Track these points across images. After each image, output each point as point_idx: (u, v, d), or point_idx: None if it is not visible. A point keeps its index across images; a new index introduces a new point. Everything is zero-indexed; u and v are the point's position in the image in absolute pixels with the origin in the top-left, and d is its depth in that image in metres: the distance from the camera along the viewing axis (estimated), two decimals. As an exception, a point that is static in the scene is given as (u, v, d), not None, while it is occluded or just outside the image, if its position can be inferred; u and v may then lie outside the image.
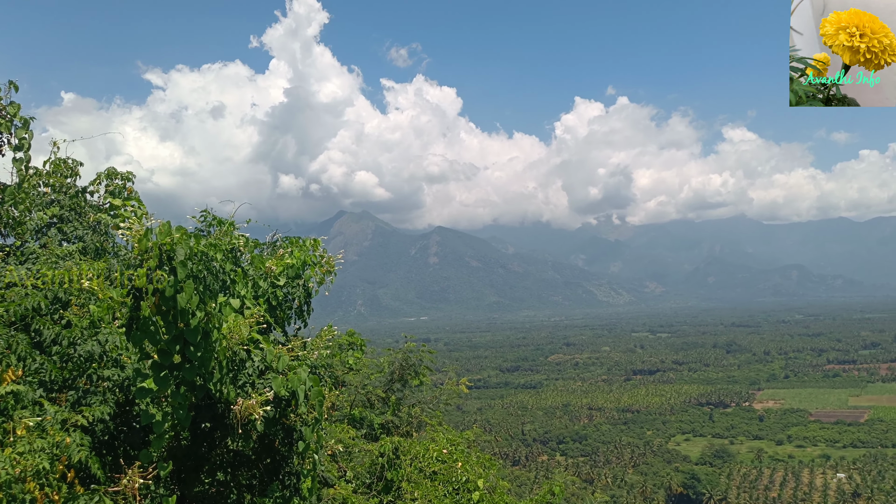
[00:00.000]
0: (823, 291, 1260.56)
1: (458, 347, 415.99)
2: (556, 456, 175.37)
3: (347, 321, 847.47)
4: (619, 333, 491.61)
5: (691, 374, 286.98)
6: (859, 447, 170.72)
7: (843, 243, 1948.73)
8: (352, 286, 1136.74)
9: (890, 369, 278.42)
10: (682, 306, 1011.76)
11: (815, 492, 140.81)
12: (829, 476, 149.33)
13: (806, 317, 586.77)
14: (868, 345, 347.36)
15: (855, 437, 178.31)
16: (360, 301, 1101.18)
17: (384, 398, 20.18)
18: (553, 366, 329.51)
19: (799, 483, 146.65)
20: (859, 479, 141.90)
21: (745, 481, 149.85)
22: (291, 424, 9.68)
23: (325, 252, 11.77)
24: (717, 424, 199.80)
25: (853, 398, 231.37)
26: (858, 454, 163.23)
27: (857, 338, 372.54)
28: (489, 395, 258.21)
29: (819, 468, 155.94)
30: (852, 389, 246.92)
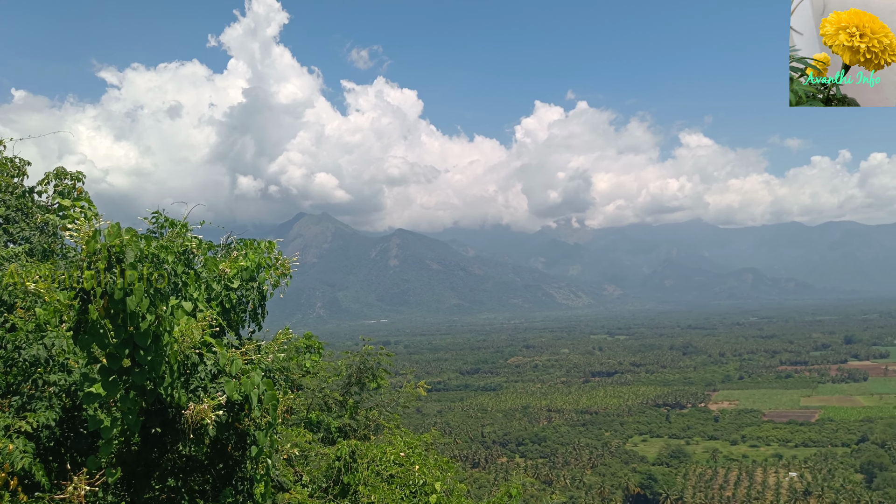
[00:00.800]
0: (776, 294, 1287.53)
1: (418, 350, 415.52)
2: (516, 458, 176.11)
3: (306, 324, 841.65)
4: (577, 336, 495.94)
5: (649, 376, 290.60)
6: (810, 446, 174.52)
7: (795, 247, 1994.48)
8: (311, 289, 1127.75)
9: (840, 370, 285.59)
10: (640, 309, 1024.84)
11: (768, 490, 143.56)
12: (782, 475, 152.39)
13: (760, 319, 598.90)
14: (819, 346, 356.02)
15: (806, 436, 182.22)
16: (319, 304, 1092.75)
17: (342, 401, 20.03)
18: (513, 368, 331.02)
19: (752, 482, 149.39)
20: (810, 478, 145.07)
21: (700, 481, 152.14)
22: (245, 429, 9.53)
23: (281, 254, 11.62)
24: (673, 425, 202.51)
25: (805, 398, 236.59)
26: (809, 453, 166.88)
27: (808, 339, 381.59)
28: (449, 398, 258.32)
29: (772, 467, 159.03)
30: (804, 390, 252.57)
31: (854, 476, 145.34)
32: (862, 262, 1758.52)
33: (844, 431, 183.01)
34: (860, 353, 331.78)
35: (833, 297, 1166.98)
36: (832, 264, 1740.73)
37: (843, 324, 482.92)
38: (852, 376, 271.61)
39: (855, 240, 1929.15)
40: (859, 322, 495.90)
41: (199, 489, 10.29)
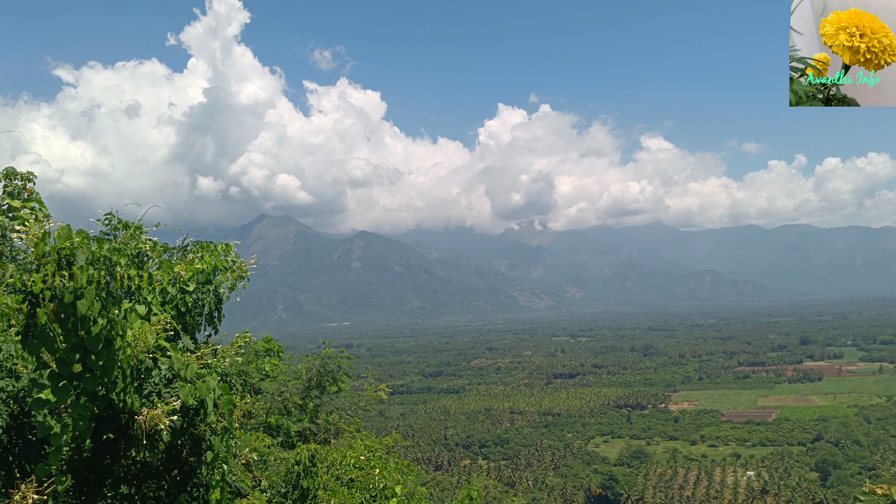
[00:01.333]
0: (735, 296, 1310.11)
1: (381, 353, 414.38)
2: (479, 460, 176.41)
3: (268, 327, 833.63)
4: (540, 338, 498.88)
5: (610, 377, 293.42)
6: (767, 445, 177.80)
7: (752, 249, 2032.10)
8: (272, 291, 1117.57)
9: (796, 371, 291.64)
10: (602, 311, 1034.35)
11: (726, 489, 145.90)
12: (740, 474, 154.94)
13: (718, 321, 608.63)
14: (776, 347, 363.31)
15: (763, 436, 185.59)
16: (280, 306, 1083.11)
17: (301, 405, 19.85)
18: (476, 370, 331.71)
19: (711, 481, 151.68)
20: (767, 477, 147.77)
21: (660, 481, 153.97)
22: (200, 434, 9.37)
23: (238, 257, 11.46)
24: (634, 426, 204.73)
25: (762, 398, 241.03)
26: (766, 452, 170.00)
27: (765, 341, 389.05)
28: (412, 401, 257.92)
29: (730, 466, 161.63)
30: (761, 390, 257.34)
31: (809, 474, 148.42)
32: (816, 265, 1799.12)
33: (800, 431, 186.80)
34: (815, 354, 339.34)
35: (789, 298, 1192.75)
36: (788, 266, 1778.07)
37: (798, 325, 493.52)
38: (808, 377, 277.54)
39: (810, 242, 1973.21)
40: (814, 323, 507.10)
41: (154, 496, 10.09)
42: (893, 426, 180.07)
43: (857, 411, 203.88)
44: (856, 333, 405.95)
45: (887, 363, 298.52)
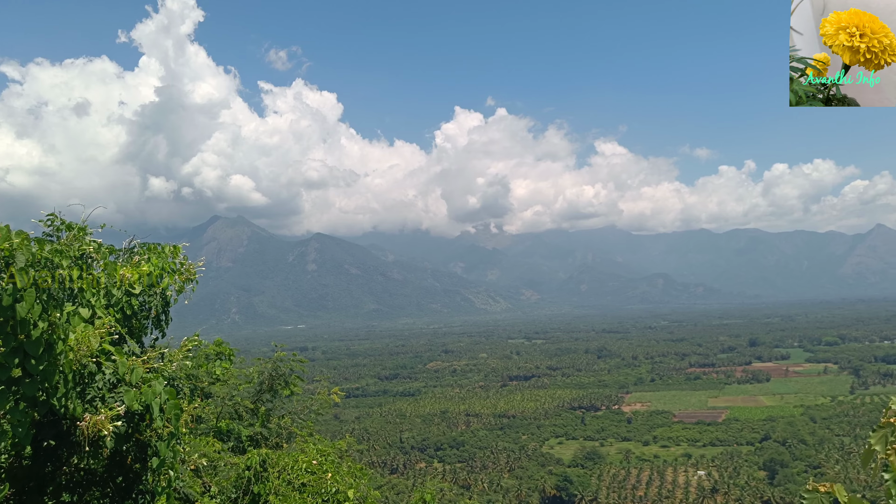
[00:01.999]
0: (686, 299, 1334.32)
1: (336, 356, 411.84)
2: (434, 463, 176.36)
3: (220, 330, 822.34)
4: (496, 340, 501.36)
5: (565, 379, 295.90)
6: (717, 445, 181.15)
7: (703, 253, 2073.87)
8: (226, 293, 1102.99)
9: (744, 372, 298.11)
10: (557, 313, 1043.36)
11: (677, 489, 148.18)
12: (691, 474, 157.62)
13: (670, 323, 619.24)
14: (725, 349, 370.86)
15: (714, 436, 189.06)
16: (234, 309, 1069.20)
17: (253, 409, 19.56)
18: (431, 373, 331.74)
19: (663, 481, 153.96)
20: (717, 476, 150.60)
21: (614, 481, 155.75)
22: (146, 440, 9.18)
23: (186, 259, 11.25)
24: (588, 427, 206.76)
25: (712, 399, 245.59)
26: (717, 452, 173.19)
27: (715, 342, 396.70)
28: (367, 404, 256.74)
29: (681, 466, 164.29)
30: (711, 391, 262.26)
31: (758, 473, 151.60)
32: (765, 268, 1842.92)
33: (749, 430, 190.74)
34: (763, 355, 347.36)
35: (738, 301, 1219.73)
36: (737, 270, 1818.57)
37: (747, 327, 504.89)
38: (756, 377, 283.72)
39: (759, 246, 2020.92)
40: (762, 325, 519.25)
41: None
42: (838, 426, 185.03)
43: (803, 411, 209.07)
44: (802, 335, 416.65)
45: (832, 364, 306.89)
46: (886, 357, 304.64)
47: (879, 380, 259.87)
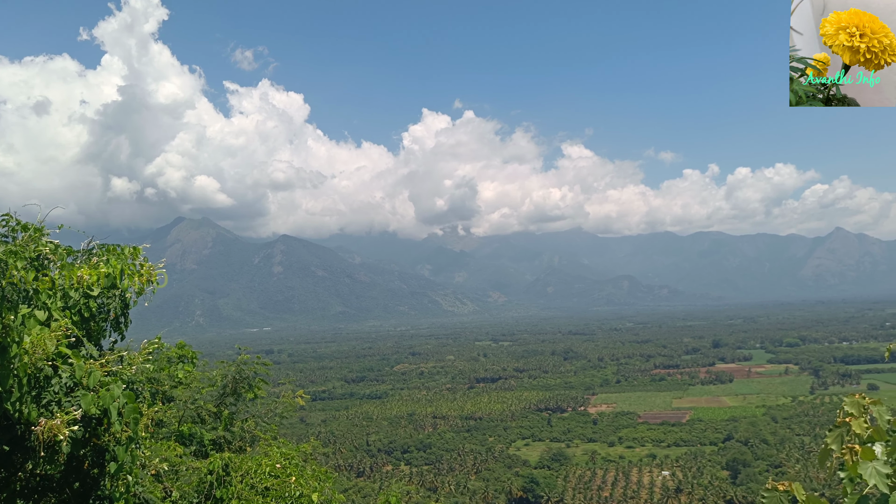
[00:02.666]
0: (651, 300, 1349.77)
1: (302, 359, 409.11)
2: (401, 465, 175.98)
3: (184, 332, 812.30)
4: (463, 342, 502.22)
5: (531, 381, 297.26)
6: (681, 446, 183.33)
7: (668, 255, 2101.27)
8: (190, 296, 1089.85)
9: (708, 373, 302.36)
10: (524, 315, 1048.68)
11: (642, 489, 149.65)
12: (655, 474, 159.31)
13: (635, 325, 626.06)
14: (689, 350, 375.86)
15: (678, 436, 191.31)
16: (198, 311, 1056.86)
17: (216, 413, 19.29)
18: (398, 375, 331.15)
19: (628, 482, 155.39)
20: (681, 476, 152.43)
21: (580, 482, 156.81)
22: (104, 444, 9.00)
23: (146, 261, 11.05)
24: (554, 429, 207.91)
25: (676, 400, 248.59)
26: (681, 452, 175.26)
27: (680, 344, 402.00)
28: (334, 407, 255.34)
29: (646, 467, 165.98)
30: (676, 392, 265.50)
31: (721, 473, 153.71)
32: (727, 270, 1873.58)
33: (712, 431, 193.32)
34: (726, 357, 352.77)
35: (702, 303, 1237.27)
36: (701, 272, 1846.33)
37: (711, 329, 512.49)
38: (719, 378, 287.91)
39: (721, 249, 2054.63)
40: (725, 327, 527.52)
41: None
42: (798, 425, 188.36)
43: (764, 411, 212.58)
44: (764, 336, 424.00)
45: (792, 365, 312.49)
46: (845, 358, 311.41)
47: (838, 380, 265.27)
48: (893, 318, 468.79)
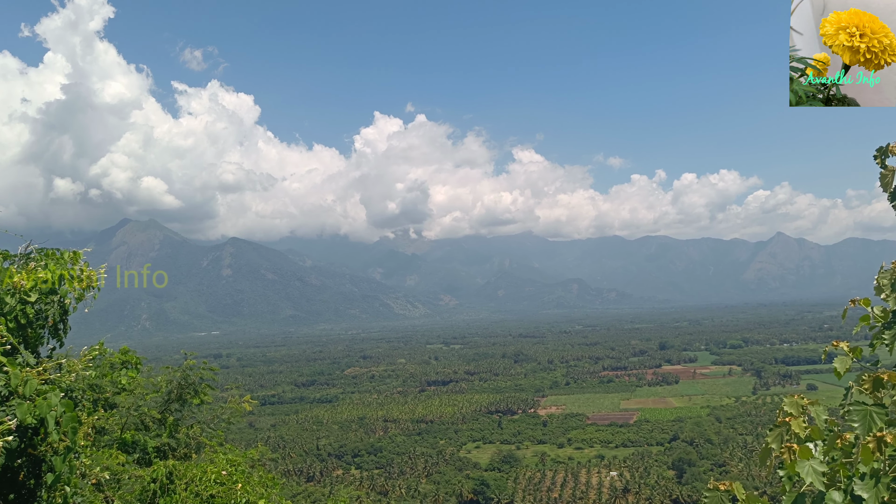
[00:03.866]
0: (599, 304, 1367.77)
1: (251, 363, 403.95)
2: (352, 469, 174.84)
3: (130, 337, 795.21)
4: (414, 346, 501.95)
5: (482, 384, 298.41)
6: (629, 446, 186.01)
7: (616, 259, 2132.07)
8: (136, 299, 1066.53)
9: (655, 374, 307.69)
10: (475, 318, 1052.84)
11: (591, 490, 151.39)
12: (604, 474, 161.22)
13: (585, 327, 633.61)
14: (637, 352, 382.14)
15: (625, 437, 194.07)
16: (144, 315, 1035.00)
17: (160, 419, 18.88)
18: (349, 379, 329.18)
19: (577, 483, 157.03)
20: (629, 476, 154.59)
21: (530, 484, 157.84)
22: (40, 455, 8.74)
23: (87, 265, 10.77)
24: (505, 431, 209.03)
25: (624, 401, 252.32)
26: (628, 453, 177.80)
27: (627, 346, 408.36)
28: (284, 411, 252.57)
29: (595, 468, 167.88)
30: (623, 393, 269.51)
31: (667, 472, 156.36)
32: (673, 274, 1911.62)
33: (659, 431, 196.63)
34: (672, 358, 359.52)
35: (649, 306, 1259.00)
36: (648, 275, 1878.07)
37: (657, 331, 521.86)
38: (665, 380, 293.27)
39: (668, 253, 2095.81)
40: (672, 329, 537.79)
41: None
42: (741, 425, 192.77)
43: (709, 412, 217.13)
44: (708, 339, 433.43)
45: (736, 366, 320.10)
46: (785, 359, 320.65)
47: (779, 380, 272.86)
48: (831, 320, 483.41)
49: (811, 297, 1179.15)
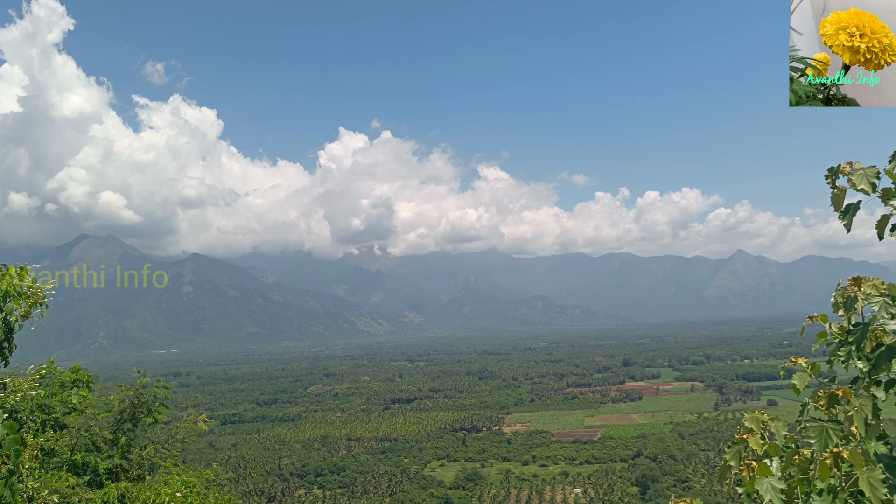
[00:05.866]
0: (564, 320, 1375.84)
1: (212, 381, 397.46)
2: (314, 489, 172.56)
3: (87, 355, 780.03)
4: (378, 363, 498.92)
5: (447, 401, 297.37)
6: (593, 463, 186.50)
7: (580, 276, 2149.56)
8: (93, 316, 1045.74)
9: (619, 391, 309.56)
10: (440, 335, 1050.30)
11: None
12: (568, 492, 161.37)
13: (549, 344, 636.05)
14: (601, 369, 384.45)
15: (590, 454, 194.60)
16: (102, 333, 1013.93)
17: (112, 440, 18.34)
18: (312, 397, 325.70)
19: (542, 500, 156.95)
20: (593, 493, 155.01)
21: (494, 502, 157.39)
22: (-20, 479, 8.37)
23: (35, 281, 10.42)
24: (469, 449, 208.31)
25: (588, 418, 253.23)
26: (592, 469, 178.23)
27: (591, 363, 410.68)
28: (245, 430, 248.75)
29: (559, 485, 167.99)
30: (588, 410, 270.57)
31: (630, 489, 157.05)
32: (637, 291, 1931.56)
33: (622, 448, 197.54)
34: (636, 375, 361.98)
35: (613, 322, 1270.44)
36: (612, 292, 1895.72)
37: (621, 347, 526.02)
38: (629, 396, 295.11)
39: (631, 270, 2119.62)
40: (635, 346, 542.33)
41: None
42: (703, 441, 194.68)
43: (672, 428, 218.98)
44: (671, 355, 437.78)
45: (698, 382, 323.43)
46: (746, 375, 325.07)
47: (740, 396, 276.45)
48: (790, 336, 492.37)
49: (771, 314, 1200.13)
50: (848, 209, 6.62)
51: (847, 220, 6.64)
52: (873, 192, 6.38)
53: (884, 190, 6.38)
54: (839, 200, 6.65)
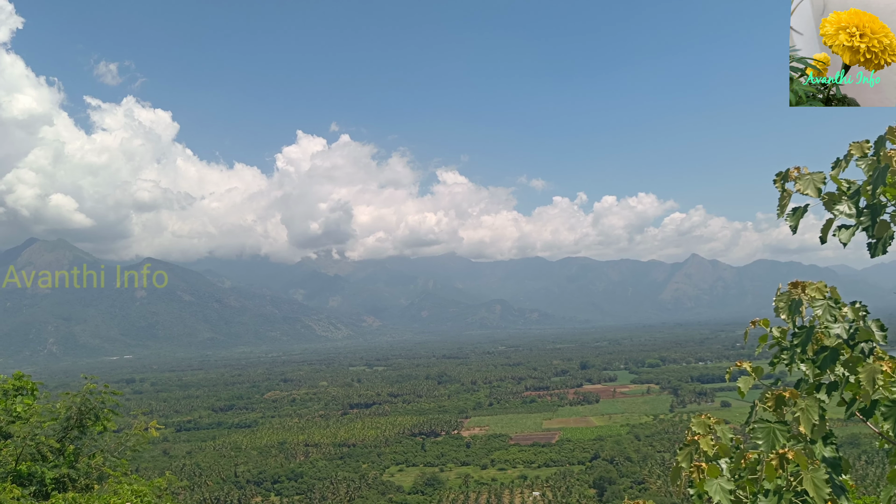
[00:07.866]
0: (522, 324, 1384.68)
1: (166, 388, 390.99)
2: (271, 496, 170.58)
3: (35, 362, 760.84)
4: (336, 368, 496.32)
5: (405, 406, 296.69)
6: (551, 466, 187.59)
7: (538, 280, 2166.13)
8: (42, 322, 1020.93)
9: (576, 394, 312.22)
10: (398, 339, 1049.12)
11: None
12: (526, 495, 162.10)
13: (508, 348, 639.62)
14: (559, 372, 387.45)
15: (548, 457, 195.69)
16: (51, 339, 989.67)
17: (59, 449, 17.84)
18: (269, 403, 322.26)
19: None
20: (551, 496, 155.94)
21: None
22: (-87, 491, 8.06)
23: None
24: (428, 453, 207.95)
25: (546, 421, 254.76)
26: (550, 472, 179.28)
27: (549, 366, 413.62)
28: (200, 437, 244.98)
29: (518, 488, 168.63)
30: (546, 413, 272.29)
31: (588, 491, 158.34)
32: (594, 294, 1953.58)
33: (580, 450, 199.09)
34: (593, 378, 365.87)
35: (570, 326, 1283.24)
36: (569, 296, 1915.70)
37: (579, 351, 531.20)
38: (587, 399, 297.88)
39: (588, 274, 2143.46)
40: (592, 349, 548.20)
41: None
42: (659, 442, 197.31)
43: (628, 430, 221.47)
44: (627, 358, 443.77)
45: (654, 385, 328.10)
46: (701, 377, 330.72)
47: (695, 398, 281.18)
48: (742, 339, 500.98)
49: (724, 317, 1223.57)
50: (794, 212, 6.74)
51: (794, 221, 6.76)
52: (818, 197, 6.50)
53: (828, 194, 6.50)
54: (785, 204, 6.76)
